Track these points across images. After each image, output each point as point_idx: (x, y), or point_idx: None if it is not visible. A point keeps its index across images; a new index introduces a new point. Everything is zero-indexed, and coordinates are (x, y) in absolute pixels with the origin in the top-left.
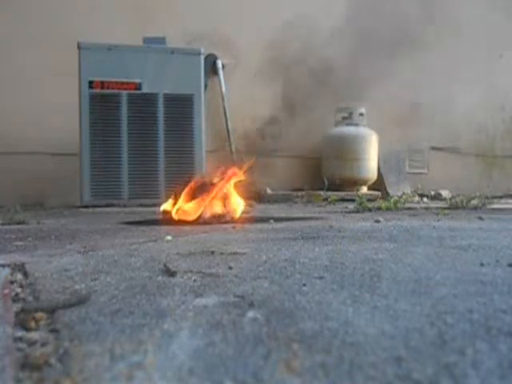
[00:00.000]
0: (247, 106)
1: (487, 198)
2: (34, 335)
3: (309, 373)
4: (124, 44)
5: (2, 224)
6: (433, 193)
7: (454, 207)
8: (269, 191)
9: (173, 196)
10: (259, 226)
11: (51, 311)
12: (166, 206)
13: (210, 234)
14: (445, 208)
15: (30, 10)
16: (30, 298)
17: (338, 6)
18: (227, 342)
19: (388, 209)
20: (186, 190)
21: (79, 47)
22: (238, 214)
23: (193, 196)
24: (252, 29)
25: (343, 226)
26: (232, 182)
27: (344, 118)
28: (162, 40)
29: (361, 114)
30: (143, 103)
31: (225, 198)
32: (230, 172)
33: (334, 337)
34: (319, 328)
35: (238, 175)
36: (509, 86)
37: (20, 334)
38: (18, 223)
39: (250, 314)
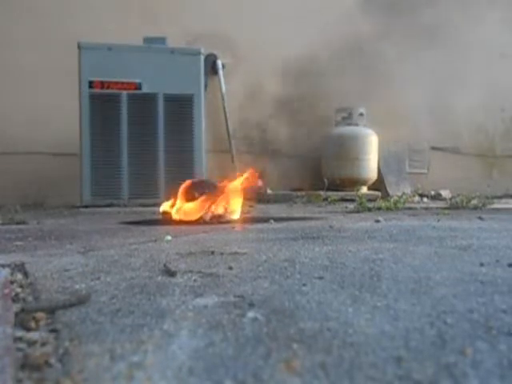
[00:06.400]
0: (248, 105)
1: (487, 198)
2: (33, 335)
3: (309, 373)
4: (124, 44)
5: (2, 224)
6: (433, 193)
7: (454, 207)
8: (269, 191)
9: (173, 196)
10: (259, 226)
11: (51, 311)
12: (166, 206)
13: (210, 234)
14: (445, 208)
15: (30, 10)
16: (30, 298)
17: (339, 4)
18: (227, 341)
19: (388, 209)
20: (186, 189)
21: (79, 47)
22: (238, 214)
23: (192, 196)
24: (252, 29)
25: (343, 226)
26: (240, 185)
27: (344, 118)
28: (162, 40)
29: (361, 114)
30: (143, 103)
31: (225, 199)
32: (244, 179)
33: (334, 337)
34: (319, 328)
35: (252, 182)
36: (508, 86)
37: (20, 333)
38: (18, 223)
39: (250, 314)
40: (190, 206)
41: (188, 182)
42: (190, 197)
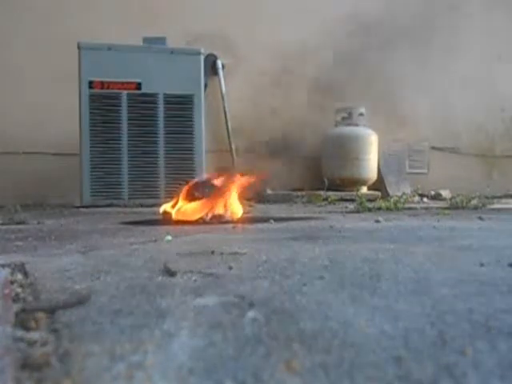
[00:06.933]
0: (249, 106)
1: (487, 198)
2: (33, 335)
3: (309, 373)
4: (124, 44)
5: (2, 224)
6: (433, 193)
7: (454, 207)
8: (269, 191)
9: (174, 196)
10: (259, 225)
11: (51, 311)
12: (166, 206)
13: (210, 234)
14: (445, 208)
15: (30, 10)
16: (30, 298)
17: (339, 4)
18: (227, 341)
19: (388, 209)
20: (186, 189)
21: (79, 47)
22: (238, 214)
23: (193, 196)
24: (252, 29)
25: (343, 226)
26: (235, 186)
27: (344, 118)
28: (162, 40)
29: (361, 114)
30: (143, 103)
31: (225, 198)
32: (235, 180)
33: (334, 337)
34: (319, 328)
35: (243, 184)
36: (508, 87)
37: (20, 333)
38: (18, 223)
39: (250, 314)
40: (191, 206)
41: (190, 183)
42: (191, 197)
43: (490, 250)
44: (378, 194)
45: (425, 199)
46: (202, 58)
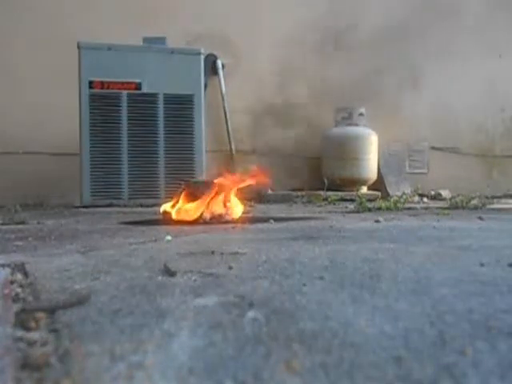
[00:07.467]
0: (249, 106)
1: (487, 198)
2: (33, 335)
3: (309, 373)
4: (124, 44)
5: (2, 224)
6: (433, 193)
7: (454, 207)
8: (269, 191)
9: (173, 196)
10: (259, 225)
11: (51, 311)
12: (166, 206)
13: (210, 234)
14: (445, 208)
15: (30, 10)
16: (30, 298)
17: (341, 5)
18: (227, 341)
19: (388, 209)
20: (186, 189)
21: (79, 47)
22: (238, 214)
23: (193, 196)
24: (252, 29)
25: (343, 226)
26: (238, 185)
27: (344, 118)
28: (162, 40)
29: (361, 114)
30: (143, 103)
31: (225, 198)
32: (234, 179)
33: (334, 337)
34: (319, 328)
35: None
36: (508, 86)
37: (20, 333)
38: (18, 223)
39: (250, 314)
40: (190, 205)
41: (190, 183)
42: (191, 197)
43: (489, 250)
44: (378, 194)
45: (425, 199)
46: (202, 57)
